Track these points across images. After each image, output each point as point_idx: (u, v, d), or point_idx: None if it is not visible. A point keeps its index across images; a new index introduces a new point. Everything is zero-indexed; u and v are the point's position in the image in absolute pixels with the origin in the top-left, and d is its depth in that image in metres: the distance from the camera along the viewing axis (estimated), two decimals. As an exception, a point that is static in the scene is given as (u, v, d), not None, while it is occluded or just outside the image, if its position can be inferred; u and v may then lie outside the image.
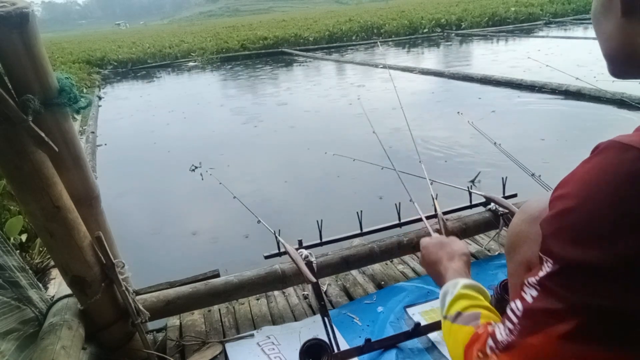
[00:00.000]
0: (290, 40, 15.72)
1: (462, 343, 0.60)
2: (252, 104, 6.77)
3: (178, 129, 5.61)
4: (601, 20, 0.57)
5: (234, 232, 2.72)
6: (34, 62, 0.91)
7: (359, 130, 4.64)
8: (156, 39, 21.11)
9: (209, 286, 1.35)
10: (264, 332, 1.36)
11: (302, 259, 1.30)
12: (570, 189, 0.46)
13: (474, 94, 5.78)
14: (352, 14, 23.98)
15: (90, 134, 5.18)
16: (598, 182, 0.43)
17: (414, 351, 1.21)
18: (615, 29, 0.54)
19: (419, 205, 1.45)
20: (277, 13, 79.18)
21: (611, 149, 0.44)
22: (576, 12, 16.44)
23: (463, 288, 0.68)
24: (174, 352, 1.31)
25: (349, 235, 1.53)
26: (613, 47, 0.56)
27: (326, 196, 3.16)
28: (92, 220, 1.13)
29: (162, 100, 8.20)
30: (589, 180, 0.44)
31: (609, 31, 0.56)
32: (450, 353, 0.65)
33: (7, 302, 1.07)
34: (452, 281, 0.72)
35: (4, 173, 0.96)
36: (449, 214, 1.61)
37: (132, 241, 2.68)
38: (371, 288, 1.55)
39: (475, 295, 0.67)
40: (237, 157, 4.22)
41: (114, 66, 14.47)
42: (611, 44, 0.56)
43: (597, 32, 0.59)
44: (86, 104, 1.02)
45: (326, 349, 1.09)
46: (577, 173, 0.46)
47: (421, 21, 16.73)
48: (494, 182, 1.70)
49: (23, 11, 0.85)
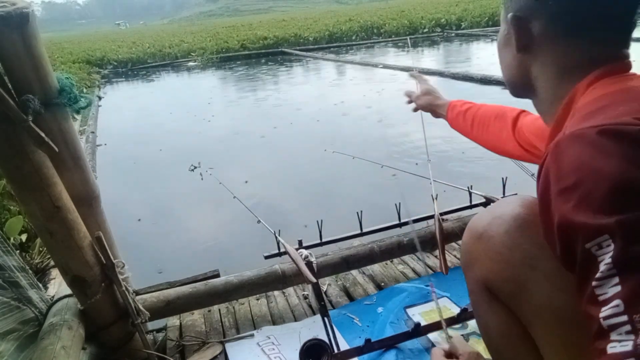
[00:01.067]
0: (290, 40, 15.72)
1: None
2: (252, 104, 6.77)
3: (178, 129, 5.61)
4: (503, 52, 0.69)
5: (234, 232, 2.72)
6: (34, 62, 0.91)
7: (359, 131, 4.64)
8: (156, 38, 21.12)
9: (209, 286, 1.35)
10: (264, 332, 1.36)
11: (302, 259, 1.30)
12: (572, 178, 0.46)
13: (474, 94, 5.78)
14: (352, 14, 24.00)
15: (90, 133, 5.18)
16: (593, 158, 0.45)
17: (414, 351, 1.21)
18: (513, 60, 0.66)
19: (418, 205, 1.45)
20: (277, 13, 79.18)
21: (574, 138, 0.48)
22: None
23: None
24: (174, 352, 1.31)
25: (349, 236, 1.53)
26: (512, 74, 0.68)
27: (326, 196, 3.16)
28: (92, 221, 1.13)
29: (162, 99, 8.21)
30: (582, 162, 0.46)
31: (508, 61, 0.68)
32: None
33: (7, 302, 1.07)
34: None
35: (4, 173, 0.96)
36: (449, 214, 1.61)
37: (132, 241, 2.68)
38: (371, 288, 1.55)
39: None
40: (237, 156, 4.22)
41: (114, 66, 14.48)
42: (510, 71, 0.68)
43: (500, 61, 0.71)
44: (86, 104, 1.02)
45: (326, 349, 1.09)
46: (563, 167, 0.48)
47: (421, 21, 16.72)
48: (494, 182, 1.69)
49: (23, 11, 0.85)
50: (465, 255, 0.73)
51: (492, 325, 0.71)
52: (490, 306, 0.70)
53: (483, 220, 0.69)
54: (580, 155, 0.47)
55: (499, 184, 1.66)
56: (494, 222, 0.67)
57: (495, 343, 0.72)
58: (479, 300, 0.72)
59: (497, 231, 0.65)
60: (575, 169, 0.46)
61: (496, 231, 0.66)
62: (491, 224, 0.67)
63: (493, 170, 3.01)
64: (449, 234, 1.52)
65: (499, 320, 0.69)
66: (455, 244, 1.75)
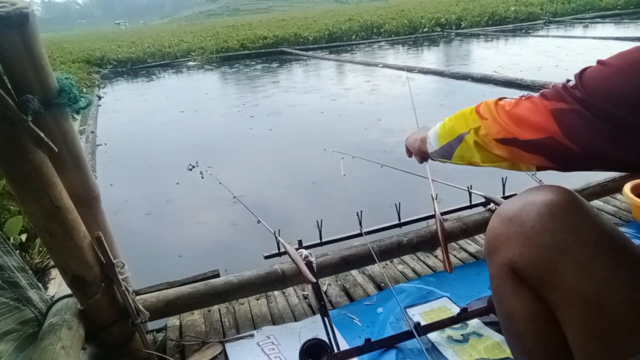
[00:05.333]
0: (290, 40, 15.70)
1: (469, 109, 0.78)
2: (251, 104, 6.76)
3: (178, 129, 5.61)
4: None
5: (234, 232, 2.72)
6: (34, 62, 0.91)
7: (359, 130, 4.64)
8: (156, 38, 21.10)
9: (209, 286, 1.35)
10: (264, 332, 1.36)
11: (302, 259, 1.30)
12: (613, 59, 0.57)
13: (473, 95, 5.78)
14: (352, 14, 23.96)
15: (90, 133, 5.18)
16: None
17: (414, 351, 1.21)
18: None
19: (418, 205, 1.45)
20: (277, 12, 79.10)
21: None
22: (576, 12, 16.43)
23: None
24: (174, 352, 1.31)
25: (349, 236, 1.53)
26: None
27: (326, 196, 3.16)
28: (92, 220, 1.13)
29: (162, 99, 8.20)
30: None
31: None
32: (454, 127, 0.81)
33: (7, 302, 1.07)
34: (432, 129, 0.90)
35: (4, 173, 0.96)
36: (449, 214, 1.61)
37: (132, 241, 2.68)
38: (371, 288, 1.55)
39: None
40: (236, 156, 4.22)
41: (114, 66, 14.45)
42: None
43: None
44: (86, 104, 1.02)
45: (326, 349, 1.09)
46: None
47: (421, 20, 16.71)
48: (494, 182, 1.69)
49: (23, 11, 0.85)
50: (491, 240, 0.74)
51: (517, 308, 0.71)
52: (517, 290, 0.70)
53: (514, 205, 0.70)
54: None
55: (499, 184, 1.65)
56: (525, 208, 0.68)
57: (518, 327, 0.72)
58: (504, 285, 0.73)
59: (529, 216, 0.67)
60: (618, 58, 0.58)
61: (527, 216, 0.67)
62: (522, 209, 0.68)
63: (493, 170, 3.01)
64: (448, 234, 1.52)
65: (526, 303, 0.70)
66: (455, 244, 1.75)
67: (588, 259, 0.61)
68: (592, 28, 12.54)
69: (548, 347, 0.69)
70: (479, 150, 0.75)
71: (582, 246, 0.61)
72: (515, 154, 0.69)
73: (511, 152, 0.69)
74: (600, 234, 0.63)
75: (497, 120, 0.70)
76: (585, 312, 0.61)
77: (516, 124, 0.67)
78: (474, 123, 0.75)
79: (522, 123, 0.66)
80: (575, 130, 0.60)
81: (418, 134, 0.97)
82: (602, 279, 0.60)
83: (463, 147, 0.79)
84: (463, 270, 1.58)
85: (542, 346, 0.70)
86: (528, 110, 0.66)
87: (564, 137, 0.61)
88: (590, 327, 0.61)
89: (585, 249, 0.61)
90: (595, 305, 0.60)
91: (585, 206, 0.66)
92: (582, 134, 0.60)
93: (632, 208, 1.79)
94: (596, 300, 0.60)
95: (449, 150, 0.84)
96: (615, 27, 12.03)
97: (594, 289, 0.60)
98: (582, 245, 0.61)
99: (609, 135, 0.57)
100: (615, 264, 0.61)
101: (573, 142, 0.61)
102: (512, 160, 0.71)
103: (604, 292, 0.59)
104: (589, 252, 0.61)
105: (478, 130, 0.74)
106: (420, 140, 0.95)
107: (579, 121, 0.59)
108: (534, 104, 0.65)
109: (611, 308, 0.59)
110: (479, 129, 0.73)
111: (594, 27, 12.58)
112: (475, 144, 0.75)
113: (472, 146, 0.76)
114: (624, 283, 0.59)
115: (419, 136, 0.96)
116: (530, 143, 0.66)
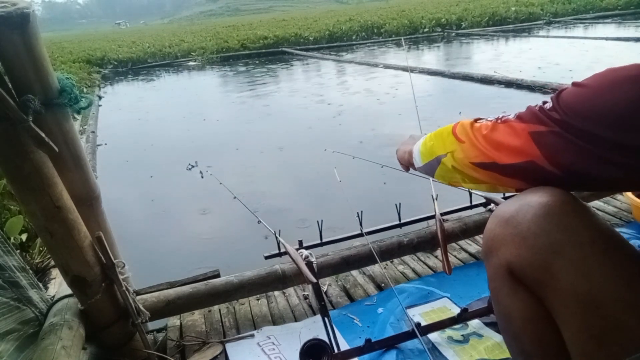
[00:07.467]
0: (291, 40, 15.70)
1: (447, 130, 0.80)
2: (252, 104, 6.76)
3: (178, 128, 5.61)
4: None
5: (234, 232, 2.72)
6: (34, 63, 0.91)
7: (359, 130, 4.64)
8: (156, 38, 21.11)
9: (209, 286, 1.35)
10: (264, 332, 1.36)
11: (303, 259, 1.30)
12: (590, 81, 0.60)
13: (474, 94, 5.79)
14: (352, 14, 23.98)
15: (91, 133, 5.18)
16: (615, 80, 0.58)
17: (414, 352, 1.21)
18: None
19: (418, 205, 1.45)
20: (278, 12, 79.13)
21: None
22: (577, 12, 16.42)
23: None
24: (174, 352, 1.31)
25: (349, 236, 1.53)
26: None
27: (326, 195, 3.16)
28: (92, 220, 1.13)
29: (162, 99, 8.21)
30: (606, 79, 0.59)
31: None
32: (433, 148, 0.83)
33: (7, 302, 1.07)
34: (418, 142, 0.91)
35: (4, 173, 0.96)
36: (449, 214, 1.61)
37: (132, 241, 2.68)
38: (371, 289, 1.55)
39: None
40: (236, 156, 4.22)
41: (114, 66, 14.46)
42: None
43: None
44: (87, 104, 1.02)
45: (326, 349, 1.09)
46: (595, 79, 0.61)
47: (421, 21, 16.71)
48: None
49: (24, 11, 0.85)
50: (489, 241, 0.74)
51: (515, 309, 0.72)
52: (514, 291, 0.71)
53: (511, 206, 0.71)
54: None
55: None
56: (521, 209, 0.68)
57: (515, 328, 0.73)
58: (501, 286, 0.73)
59: (525, 217, 0.67)
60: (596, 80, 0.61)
61: (523, 217, 0.67)
62: (519, 211, 0.68)
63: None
64: (449, 234, 1.51)
65: (523, 304, 0.70)
66: (455, 245, 1.75)
67: (583, 259, 0.61)
68: (593, 28, 12.54)
69: (545, 347, 0.69)
70: (458, 173, 0.78)
71: (578, 246, 0.62)
72: (494, 178, 0.72)
73: (490, 176, 0.72)
74: (595, 234, 0.63)
75: (474, 144, 0.73)
76: (582, 312, 0.61)
77: (495, 148, 0.69)
78: (451, 146, 0.77)
79: (501, 147, 0.69)
80: (556, 152, 0.63)
81: (407, 146, 0.99)
82: (597, 279, 0.60)
83: (442, 169, 0.82)
84: (463, 271, 1.58)
85: (540, 346, 0.70)
86: (506, 134, 0.68)
87: (544, 159, 0.64)
88: (586, 326, 0.61)
89: (580, 249, 0.61)
90: (592, 305, 0.60)
91: (581, 207, 0.66)
92: (563, 155, 0.62)
93: (632, 208, 1.79)
94: (592, 300, 0.60)
95: (431, 169, 0.86)
96: (615, 27, 12.03)
97: (590, 288, 0.60)
98: (578, 245, 0.62)
99: (590, 154, 0.59)
100: (611, 264, 0.61)
101: (553, 165, 0.64)
102: (490, 183, 0.74)
103: (600, 292, 0.60)
104: (584, 252, 0.61)
105: (454, 154, 0.76)
106: (408, 153, 0.97)
107: (559, 143, 0.62)
108: (511, 127, 0.68)
109: (607, 307, 0.59)
110: (455, 152, 0.76)
111: (595, 28, 12.58)
112: (453, 167, 0.78)
113: (450, 169, 0.79)
114: (620, 282, 0.60)
115: (407, 148, 0.97)
116: (510, 167, 0.68)
